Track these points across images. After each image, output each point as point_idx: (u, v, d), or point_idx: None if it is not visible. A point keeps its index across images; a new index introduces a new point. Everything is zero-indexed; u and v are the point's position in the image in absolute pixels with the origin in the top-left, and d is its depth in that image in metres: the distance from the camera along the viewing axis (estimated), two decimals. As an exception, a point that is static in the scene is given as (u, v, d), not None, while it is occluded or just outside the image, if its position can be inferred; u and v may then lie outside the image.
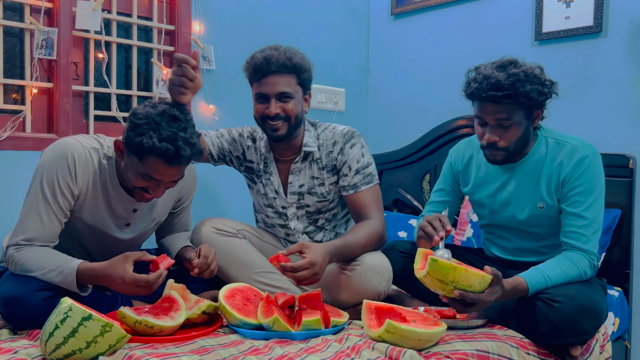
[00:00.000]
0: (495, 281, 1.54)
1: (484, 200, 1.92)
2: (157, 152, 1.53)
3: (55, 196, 1.63)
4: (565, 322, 1.57)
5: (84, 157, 1.66)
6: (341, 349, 1.48)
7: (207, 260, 1.76)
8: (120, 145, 1.63)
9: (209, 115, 2.71)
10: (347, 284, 1.84)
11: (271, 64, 1.88)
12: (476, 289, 1.52)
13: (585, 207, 1.71)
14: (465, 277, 1.50)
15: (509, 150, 1.75)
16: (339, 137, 2.00)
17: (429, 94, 3.07)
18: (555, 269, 1.65)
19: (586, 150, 1.74)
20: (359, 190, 1.96)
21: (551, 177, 1.77)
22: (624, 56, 2.39)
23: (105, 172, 1.70)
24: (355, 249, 1.84)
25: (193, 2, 2.63)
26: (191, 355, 1.39)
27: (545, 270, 1.64)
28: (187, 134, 1.57)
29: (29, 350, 1.40)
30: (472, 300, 1.52)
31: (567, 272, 1.65)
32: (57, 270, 1.56)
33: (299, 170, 2.03)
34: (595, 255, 1.71)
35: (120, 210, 1.76)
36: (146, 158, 1.56)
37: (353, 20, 3.28)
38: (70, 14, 2.29)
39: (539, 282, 1.63)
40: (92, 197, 1.70)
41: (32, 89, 2.23)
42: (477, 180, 1.93)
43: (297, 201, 2.05)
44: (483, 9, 2.86)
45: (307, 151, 2.01)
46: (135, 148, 1.55)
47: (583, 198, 1.72)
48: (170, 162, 1.56)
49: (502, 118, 1.69)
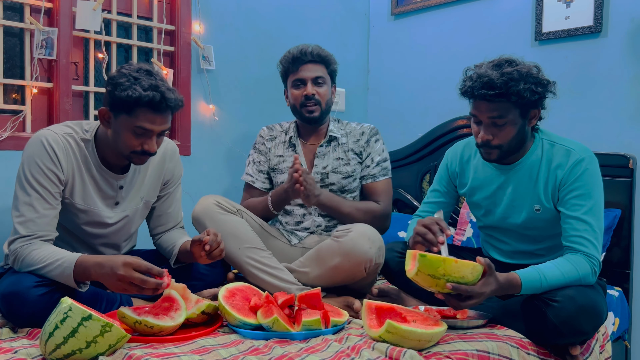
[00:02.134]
0: (488, 272, 1.53)
1: (481, 202, 1.92)
2: (145, 100, 1.61)
3: (41, 183, 1.66)
4: (565, 322, 1.57)
5: (61, 143, 1.70)
6: (341, 348, 1.48)
7: (217, 238, 1.76)
8: (105, 112, 1.69)
9: (209, 115, 2.71)
10: (340, 249, 1.91)
11: (306, 54, 2.19)
12: (469, 279, 1.50)
13: (585, 210, 1.70)
14: (456, 269, 1.49)
15: (503, 148, 1.74)
16: (366, 129, 2.27)
17: (429, 94, 3.07)
18: (552, 270, 1.64)
19: (582, 153, 1.73)
20: (376, 180, 2.23)
21: (548, 180, 1.77)
22: (624, 56, 2.39)
23: (85, 154, 1.75)
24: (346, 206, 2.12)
25: (193, 2, 2.63)
26: (191, 355, 1.39)
27: (542, 269, 1.63)
28: (165, 83, 1.67)
29: (29, 350, 1.40)
30: (466, 292, 1.50)
31: (565, 273, 1.63)
32: (56, 264, 1.56)
33: (324, 154, 2.24)
34: (598, 261, 1.68)
35: (108, 190, 1.80)
36: (135, 110, 1.63)
37: (353, 20, 3.28)
38: (70, 14, 2.29)
39: (533, 279, 1.61)
40: (79, 181, 1.74)
41: (32, 89, 2.23)
42: (474, 182, 1.93)
43: (321, 180, 2.22)
44: (483, 9, 2.86)
45: (332, 136, 2.25)
46: (122, 103, 1.62)
47: (582, 201, 1.70)
48: (158, 108, 1.64)
49: (495, 116, 1.69)
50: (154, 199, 1.96)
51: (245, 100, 2.84)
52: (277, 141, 2.31)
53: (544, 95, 1.73)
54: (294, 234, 2.20)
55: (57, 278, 1.57)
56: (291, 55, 2.21)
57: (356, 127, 2.28)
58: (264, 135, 2.33)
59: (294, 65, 2.21)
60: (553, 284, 1.62)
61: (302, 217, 2.22)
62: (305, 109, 2.19)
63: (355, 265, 1.89)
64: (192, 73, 2.65)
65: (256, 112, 2.85)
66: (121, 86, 1.61)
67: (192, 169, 2.65)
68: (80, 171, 1.74)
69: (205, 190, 2.67)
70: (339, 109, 3.18)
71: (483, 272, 1.53)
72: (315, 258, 1.97)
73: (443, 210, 2.01)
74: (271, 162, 2.29)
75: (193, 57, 2.65)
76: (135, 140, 1.67)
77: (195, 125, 2.67)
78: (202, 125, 2.69)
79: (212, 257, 1.77)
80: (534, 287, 1.62)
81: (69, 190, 1.73)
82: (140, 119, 1.64)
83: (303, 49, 2.20)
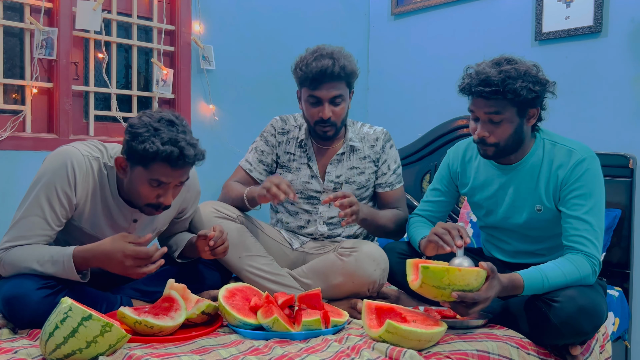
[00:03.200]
0: (491, 275, 1.54)
1: (483, 202, 1.91)
2: (162, 155, 1.53)
3: (52, 205, 1.61)
4: (565, 322, 1.57)
5: (84, 166, 1.64)
6: (341, 349, 1.48)
7: (222, 235, 1.75)
8: (122, 161, 1.62)
9: (209, 115, 2.71)
10: (343, 269, 1.88)
11: (326, 75, 1.96)
12: (474, 286, 1.50)
13: (585, 210, 1.70)
14: (461, 277, 1.49)
15: (499, 146, 1.74)
16: (380, 135, 2.16)
17: (429, 94, 3.07)
18: (554, 270, 1.64)
19: (584, 153, 1.73)
20: (394, 189, 2.16)
21: (549, 179, 1.76)
22: (624, 56, 2.39)
23: (105, 182, 1.69)
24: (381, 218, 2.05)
25: (193, 2, 2.63)
26: (191, 355, 1.39)
27: (544, 270, 1.63)
28: (187, 136, 1.59)
29: (29, 350, 1.40)
30: (472, 299, 1.51)
31: (566, 274, 1.63)
32: (52, 261, 1.56)
33: (339, 161, 2.13)
34: (598, 261, 1.68)
35: (121, 221, 1.75)
36: (151, 164, 1.56)
37: (353, 20, 3.28)
38: (70, 14, 2.29)
39: (535, 279, 1.61)
40: (91, 207, 1.69)
41: (32, 89, 2.23)
42: (475, 182, 1.92)
43: (334, 190, 2.11)
44: (483, 9, 2.86)
45: (352, 145, 2.13)
46: (140, 156, 1.55)
47: (583, 201, 1.70)
48: (176, 164, 1.56)
49: (491, 113, 1.70)
50: (167, 226, 1.92)
51: (245, 100, 2.84)
52: (290, 136, 2.16)
53: (542, 94, 1.72)
54: (295, 237, 2.16)
55: (56, 273, 1.56)
56: (310, 73, 1.97)
57: (369, 130, 2.17)
58: (276, 126, 2.18)
59: (311, 83, 1.99)
60: (555, 284, 1.62)
61: (306, 223, 2.15)
62: (319, 128, 2.04)
63: (359, 286, 1.88)
64: (192, 73, 2.65)
65: (256, 112, 2.85)
66: (140, 137, 1.54)
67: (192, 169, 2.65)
68: (95, 197, 1.68)
69: (205, 190, 2.67)
70: (339, 109, 3.18)
71: (487, 276, 1.53)
72: (318, 273, 1.93)
73: (442, 209, 2.00)
74: (280, 158, 2.18)
75: (193, 57, 2.65)
76: (151, 191, 1.61)
77: (195, 125, 2.67)
78: (202, 125, 2.69)
79: (215, 254, 1.76)
80: (536, 288, 1.62)
81: (78, 214, 1.68)
82: (156, 173, 1.57)
83: (324, 66, 1.94)
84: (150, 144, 1.53)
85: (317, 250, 2.10)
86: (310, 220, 2.14)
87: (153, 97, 2.58)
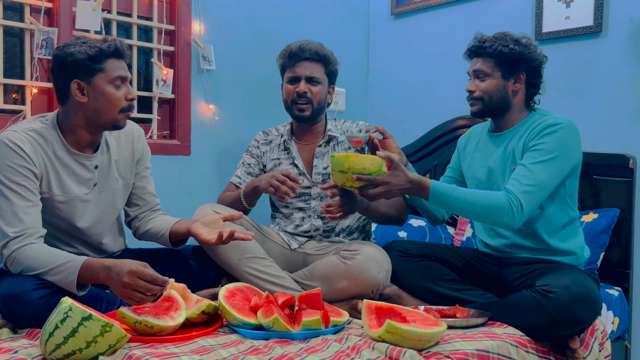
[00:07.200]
0: (392, 165, 1.70)
1: (475, 172, 2.00)
2: (109, 51, 1.68)
3: (17, 182, 1.64)
4: (562, 311, 1.60)
5: (24, 138, 1.68)
6: (341, 348, 1.48)
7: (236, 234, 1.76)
8: (76, 84, 1.69)
9: (209, 115, 2.71)
10: (347, 272, 1.88)
11: (305, 51, 2.13)
12: (371, 170, 1.69)
13: (535, 161, 1.76)
14: (357, 161, 1.70)
15: (484, 101, 1.91)
16: (363, 127, 2.21)
17: (429, 94, 3.07)
18: (466, 190, 1.76)
19: (560, 120, 1.81)
20: None
21: (525, 139, 1.85)
22: (624, 56, 2.40)
23: (52, 143, 1.72)
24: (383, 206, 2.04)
25: (193, 2, 2.63)
26: (191, 355, 1.39)
27: (456, 186, 1.77)
28: None
29: (29, 350, 1.40)
30: (368, 181, 1.69)
31: (476, 195, 1.74)
32: (60, 269, 1.55)
33: (323, 154, 2.18)
34: (518, 201, 1.71)
35: (83, 173, 1.78)
36: (104, 63, 1.68)
37: (353, 20, 3.28)
38: (70, 14, 2.29)
39: (443, 187, 1.74)
40: (53, 172, 1.72)
41: (32, 89, 2.23)
42: (472, 155, 2.04)
43: (323, 181, 2.16)
44: (483, 9, 2.86)
45: (331, 135, 2.19)
46: (88, 64, 1.66)
47: (537, 154, 1.77)
48: (119, 54, 1.71)
49: (478, 69, 1.92)
50: (132, 179, 1.94)
51: (245, 100, 2.84)
52: (273, 145, 2.25)
53: (523, 55, 1.86)
54: (293, 238, 2.17)
55: (58, 283, 1.56)
56: (289, 50, 2.15)
57: (351, 125, 2.22)
58: (259, 139, 2.28)
59: (290, 60, 2.15)
60: (462, 199, 1.73)
61: (301, 221, 2.17)
62: (296, 107, 2.13)
63: (363, 289, 1.88)
64: (192, 73, 2.65)
65: (256, 112, 2.85)
66: (78, 52, 1.65)
67: (192, 169, 2.65)
68: (52, 161, 1.72)
69: (205, 190, 2.68)
70: (339, 109, 3.18)
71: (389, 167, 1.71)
72: (321, 277, 1.93)
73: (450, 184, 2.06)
74: (267, 166, 2.24)
75: (193, 57, 2.65)
76: (118, 92, 1.71)
77: (195, 125, 2.67)
78: (202, 125, 2.70)
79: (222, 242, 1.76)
80: (442, 195, 1.73)
81: (45, 184, 1.71)
82: (113, 69, 1.69)
83: (302, 45, 2.13)
84: (91, 49, 1.66)
85: (317, 250, 2.10)
86: (305, 217, 2.17)
87: (153, 97, 2.58)
